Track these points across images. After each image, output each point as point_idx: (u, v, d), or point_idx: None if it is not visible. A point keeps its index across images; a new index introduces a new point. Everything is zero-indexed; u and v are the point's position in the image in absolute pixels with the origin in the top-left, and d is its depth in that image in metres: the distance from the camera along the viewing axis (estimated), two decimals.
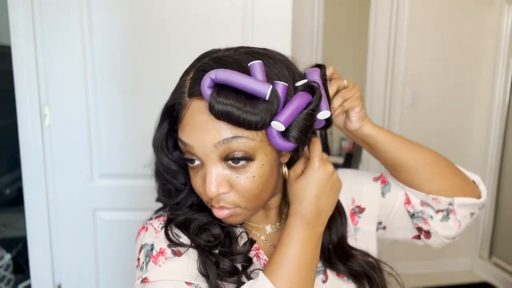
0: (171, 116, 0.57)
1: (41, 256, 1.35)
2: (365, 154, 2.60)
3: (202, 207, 0.62)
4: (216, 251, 0.59)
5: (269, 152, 0.54)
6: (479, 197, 0.72)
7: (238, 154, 0.52)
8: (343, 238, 0.70)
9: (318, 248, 0.57)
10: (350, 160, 2.43)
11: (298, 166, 0.60)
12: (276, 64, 0.54)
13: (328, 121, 0.58)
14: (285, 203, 0.69)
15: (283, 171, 0.60)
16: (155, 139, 0.60)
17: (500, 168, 2.52)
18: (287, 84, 0.52)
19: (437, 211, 0.71)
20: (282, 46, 1.17)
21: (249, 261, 0.60)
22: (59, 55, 1.24)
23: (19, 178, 1.49)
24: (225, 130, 0.51)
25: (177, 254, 0.57)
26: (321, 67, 0.59)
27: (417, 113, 2.46)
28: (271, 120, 0.50)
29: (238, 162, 0.53)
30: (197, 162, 0.55)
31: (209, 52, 0.58)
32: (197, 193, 0.59)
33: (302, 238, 0.55)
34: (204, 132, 0.51)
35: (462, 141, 2.54)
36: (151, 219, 0.63)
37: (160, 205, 0.68)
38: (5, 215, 2.29)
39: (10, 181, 2.13)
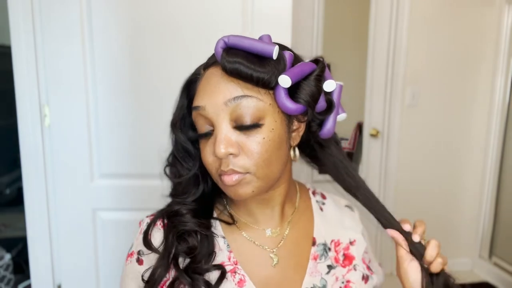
0: (189, 94, 0.62)
1: (41, 256, 1.35)
2: (365, 154, 2.60)
3: (201, 204, 0.63)
4: (186, 263, 0.60)
5: (278, 120, 0.56)
6: None
7: (248, 121, 0.54)
8: None
9: None
10: (350, 160, 2.43)
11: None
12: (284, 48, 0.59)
13: (330, 102, 0.59)
14: (290, 203, 0.68)
15: (293, 154, 0.62)
16: (173, 117, 0.64)
17: (500, 168, 2.51)
18: (292, 53, 0.56)
19: None
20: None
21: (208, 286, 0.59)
22: (59, 55, 1.24)
23: (19, 178, 1.49)
24: (236, 89, 0.54)
25: (139, 262, 0.63)
26: (317, 62, 0.58)
27: (417, 113, 2.45)
28: (278, 77, 0.53)
29: (248, 129, 0.54)
30: (208, 129, 0.57)
31: None
32: (207, 166, 0.58)
33: None
34: (216, 93, 0.54)
35: (462, 140, 2.54)
36: (147, 216, 0.67)
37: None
38: (5, 215, 2.30)
39: (10, 181, 2.14)
